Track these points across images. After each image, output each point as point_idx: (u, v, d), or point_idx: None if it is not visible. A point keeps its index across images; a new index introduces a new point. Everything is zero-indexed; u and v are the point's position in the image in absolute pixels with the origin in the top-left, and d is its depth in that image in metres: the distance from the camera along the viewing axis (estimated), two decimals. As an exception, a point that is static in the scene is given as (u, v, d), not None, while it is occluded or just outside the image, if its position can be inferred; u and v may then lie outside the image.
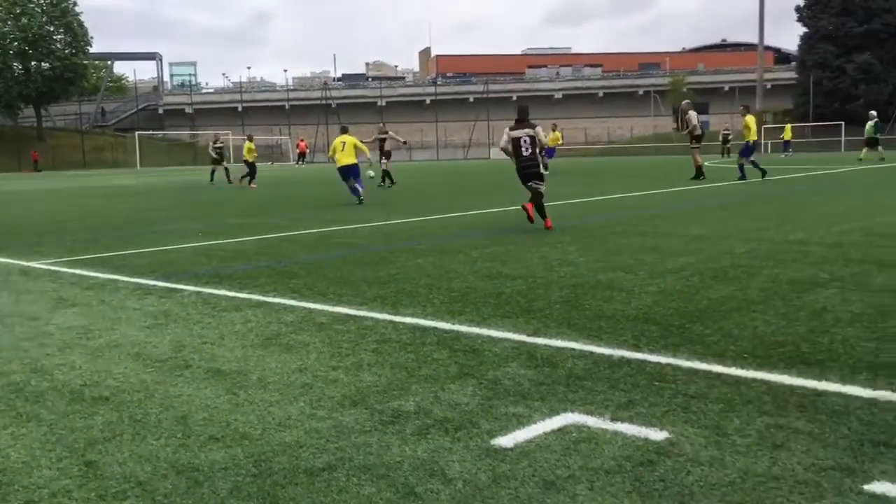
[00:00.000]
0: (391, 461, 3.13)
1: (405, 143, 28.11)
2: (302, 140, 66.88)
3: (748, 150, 21.72)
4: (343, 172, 17.89)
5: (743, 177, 21.09)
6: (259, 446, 3.33)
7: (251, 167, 28.45)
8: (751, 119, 21.67)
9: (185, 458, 3.24)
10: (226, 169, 31.10)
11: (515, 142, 11.53)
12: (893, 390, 3.74)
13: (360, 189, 17.76)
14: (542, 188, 11.39)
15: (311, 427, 3.53)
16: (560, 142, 28.01)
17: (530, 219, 11.13)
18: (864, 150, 33.24)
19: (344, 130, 18.72)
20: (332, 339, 5.13)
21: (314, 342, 5.05)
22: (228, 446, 3.35)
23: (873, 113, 34.22)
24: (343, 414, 3.69)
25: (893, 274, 6.67)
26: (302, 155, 63.75)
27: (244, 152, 29.53)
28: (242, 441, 3.40)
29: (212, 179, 31.33)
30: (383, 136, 24.47)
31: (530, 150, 11.45)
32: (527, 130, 11.50)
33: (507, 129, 11.71)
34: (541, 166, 11.56)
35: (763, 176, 20.87)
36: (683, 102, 24.63)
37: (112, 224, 14.66)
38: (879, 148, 33.33)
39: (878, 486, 2.75)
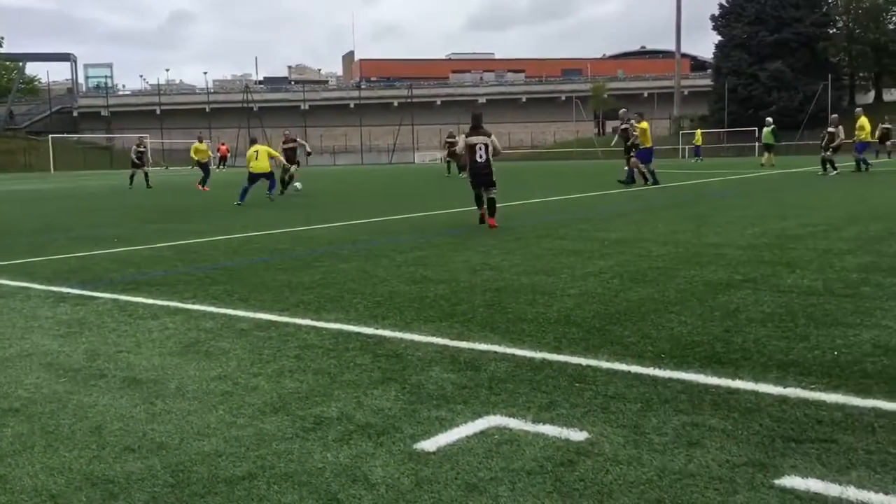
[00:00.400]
0: (313, 468, 3.10)
1: (310, 153, 28.93)
2: (223, 144, 65.64)
3: (647, 154, 22.42)
4: (255, 178, 19.86)
5: (632, 180, 22.04)
6: (177, 456, 3.26)
7: (205, 168, 28.43)
8: (645, 125, 22.48)
9: (100, 470, 3.15)
10: (145, 173, 30.38)
11: (471, 148, 12.09)
12: (803, 387, 3.88)
13: (273, 191, 20.25)
14: (494, 193, 12.10)
15: (230, 435, 3.47)
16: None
17: (482, 220, 12.10)
18: (766, 155, 34.42)
19: (254, 141, 20.85)
20: (254, 345, 5.05)
21: (235, 349, 4.97)
22: (145, 457, 3.27)
23: (770, 119, 35.89)
24: (264, 421, 3.64)
25: (803, 274, 6.92)
26: (223, 159, 62.60)
27: (192, 153, 29.41)
28: (159, 451, 3.32)
29: (130, 184, 30.58)
30: (290, 144, 24.27)
31: (484, 158, 12.01)
32: (482, 138, 12.09)
33: (463, 136, 12.69)
34: (492, 174, 12.11)
35: (652, 184, 21.47)
36: (621, 111, 24.72)
37: (24, 230, 14.16)
38: (770, 154, 34.50)
39: (788, 481, 2.85)
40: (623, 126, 23.30)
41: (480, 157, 12.00)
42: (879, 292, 6.08)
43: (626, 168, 22.80)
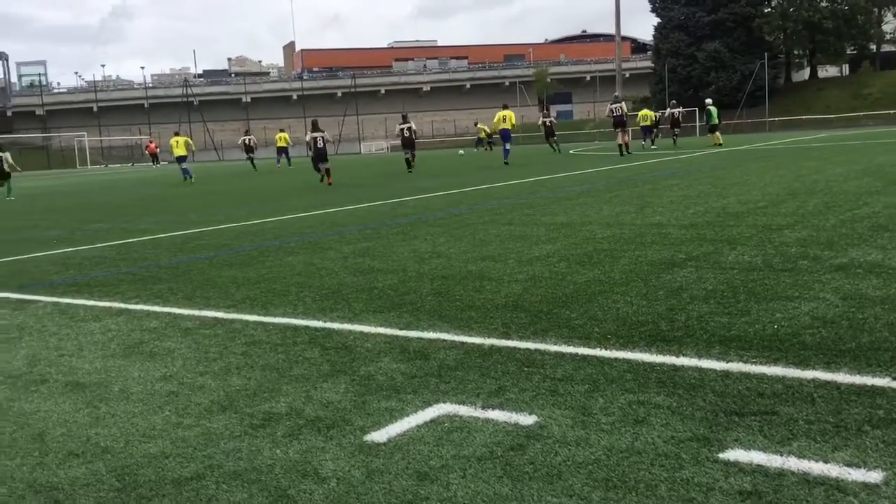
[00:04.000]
0: (262, 465, 3.08)
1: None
2: (151, 141, 64.67)
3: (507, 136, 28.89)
4: (178, 160, 31.22)
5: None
6: (122, 459, 3.21)
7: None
8: (509, 114, 29.20)
9: (44, 477, 3.08)
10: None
11: (314, 139, 23.10)
12: (744, 361, 3.96)
13: (189, 172, 30.73)
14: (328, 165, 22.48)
15: (177, 436, 3.43)
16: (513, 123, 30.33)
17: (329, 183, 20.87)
18: (717, 134, 35.00)
19: (176, 133, 33.37)
20: (199, 343, 4.99)
21: (180, 348, 4.90)
22: (89, 461, 3.21)
23: (709, 101, 37.18)
24: (211, 420, 3.60)
25: (743, 251, 7.05)
26: (154, 156, 61.70)
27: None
28: (104, 455, 3.27)
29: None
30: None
31: (322, 145, 22.96)
32: (319, 132, 23.12)
33: (309, 132, 23.54)
34: (326, 155, 22.88)
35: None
36: (615, 94, 32.91)
37: (-42, 235, 13.77)
38: (717, 133, 35.28)
39: (732, 454, 2.91)
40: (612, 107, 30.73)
41: (320, 145, 22.91)
42: (817, 265, 6.22)
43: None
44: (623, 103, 31.28)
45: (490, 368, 4.12)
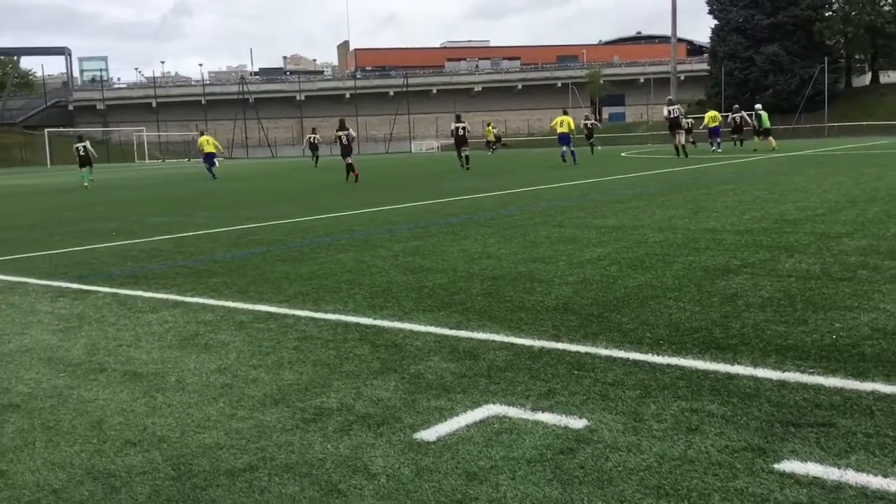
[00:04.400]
0: (314, 459, 3.11)
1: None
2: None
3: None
4: (206, 158, 32.49)
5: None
6: (177, 449, 3.27)
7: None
8: (567, 119, 30.33)
9: (101, 464, 3.16)
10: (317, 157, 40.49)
11: (338, 137, 25.21)
12: (801, 372, 3.89)
13: (215, 167, 32.12)
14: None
15: (231, 428, 3.48)
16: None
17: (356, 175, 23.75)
18: (770, 139, 34.51)
19: (202, 133, 34.65)
20: (253, 337, 5.06)
21: (234, 341, 4.98)
22: (146, 450, 3.27)
23: (759, 105, 36.92)
24: (264, 413, 3.65)
25: (801, 259, 6.92)
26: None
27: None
28: (160, 444, 3.33)
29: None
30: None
31: (347, 142, 24.78)
32: (345, 131, 25.01)
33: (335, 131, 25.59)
34: (351, 151, 24.53)
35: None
36: (669, 98, 33.41)
37: (21, 225, 14.15)
38: (770, 138, 34.85)
39: (788, 465, 2.86)
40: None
41: (344, 141, 24.83)
42: (877, 275, 6.08)
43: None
44: (679, 105, 32.21)
45: (540, 370, 4.11)
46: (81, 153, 30.03)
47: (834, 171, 18.66)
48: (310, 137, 41.88)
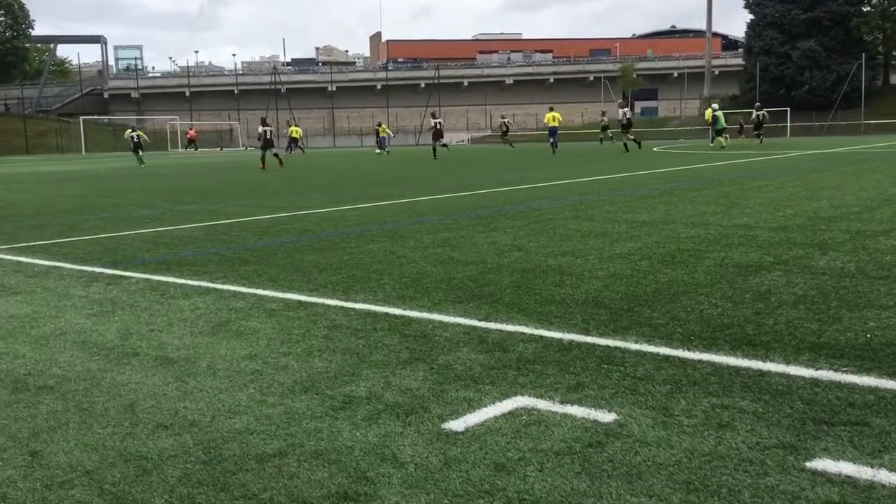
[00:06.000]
0: (342, 446, 3.13)
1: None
2: (191, 128, 71.94)
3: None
4: (290, 144, 36.68)
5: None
6: (208, 433, 3.30)
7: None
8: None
9: (133, 447, 3.20)
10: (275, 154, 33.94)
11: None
12: (835, 370, 3.84)
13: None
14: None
15: (261, 413, 3.51)
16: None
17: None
18: (720, 138, 35.91)
19: (290, 124, 40.07)
20: (283, 325, 5.09)
21: (264, 329, 5.01)
22: (177, 434, 3.31)
23: (716, 106, 38.48)
24: (294, 400, 3.67)
25: (835, 256, 6.84)
26: (192, 142, 67.71)
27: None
28: (191, 428, 3.36)
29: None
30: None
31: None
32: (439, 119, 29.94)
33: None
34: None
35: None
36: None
37: (57, 210, 14.35)
38: (726, 136, 36.06)
39: (820, 463, 2.83)
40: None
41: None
42: (913, 275, 5.99)
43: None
44: (628, 108, 36.80)
45: (569, 364, 4.09)
46: (135, 139, 36.24)
47: (870, 169, 18.38)
48: (378, 128, 45.54)
